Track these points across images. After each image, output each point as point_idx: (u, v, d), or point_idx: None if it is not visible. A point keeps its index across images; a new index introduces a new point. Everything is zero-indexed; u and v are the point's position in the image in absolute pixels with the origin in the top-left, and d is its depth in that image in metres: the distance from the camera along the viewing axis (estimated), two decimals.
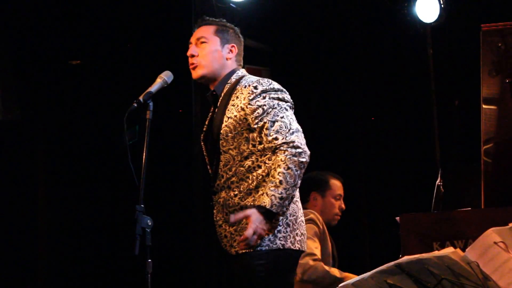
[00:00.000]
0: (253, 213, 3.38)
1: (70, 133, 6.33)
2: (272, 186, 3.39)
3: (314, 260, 4.84)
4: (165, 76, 3.62)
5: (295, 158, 3.43)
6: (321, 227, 5.04)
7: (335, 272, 4.85)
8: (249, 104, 3.56)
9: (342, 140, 7.24)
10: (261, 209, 3.38)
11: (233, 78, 3.74)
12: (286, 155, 3.43)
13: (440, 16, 6.65)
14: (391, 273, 2.70)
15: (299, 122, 3.60)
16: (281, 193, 3.38)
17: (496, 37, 3.92)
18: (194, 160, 6.00)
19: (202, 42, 3.78)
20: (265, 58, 6.95)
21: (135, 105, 3.46)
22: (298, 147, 3.45)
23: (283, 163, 3.42)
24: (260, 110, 3.54)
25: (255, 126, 3.55)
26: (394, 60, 7.09)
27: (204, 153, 3.81)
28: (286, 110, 3.57)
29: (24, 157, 6.22)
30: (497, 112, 4.05)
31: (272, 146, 3.49)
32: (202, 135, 3.84)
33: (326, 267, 4.86)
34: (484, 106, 4.04)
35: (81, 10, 6.18)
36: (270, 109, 3.54)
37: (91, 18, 6.21)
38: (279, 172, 3.40)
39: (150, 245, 3.25)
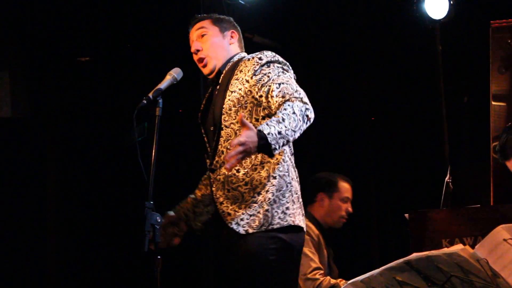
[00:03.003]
0: (250, 131, 3.23)
1: (79, 130, 6.35)
2: (274, 121, 3.28)
3: (321, 274, 4.91)
4: (175, 73, 3.62)
5: (303, 108, 3.35)
6: (316, 239, 5.03)
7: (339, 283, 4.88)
8: (254, 75, 3.53)
9: (351, 138, 7.23)
10: (260, 133, 3.23)
11: (236, 57, 3.73)
12: (294, 103, 3.35)
13: (449, 12, 6.63)
14: (400, 270, 2.70)
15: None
16: (281, 128, 3.25)
17: (505, 34, 3.93)
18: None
19: (203, 35, 3.77)
20: None
21: (145, 102, 3.45)
22: (306, 103, 3.38)
23: (290, 107, 3.33)
24: (265, 78, 3.50)
25: (261, 93, 3.49)
26: (403, 57, 7.08)
27: (202, 132, 3.76)
28: (291, 78, 3.53)
29: (33, 154, 6.25)
30: (507, 108, 4.06)
31: (279, 105, 3.40)
32: (199, 114, 3.81)
33: (333, 281, 4.88)
34: (493, 103, 4.04)
35: (90, 8, 6.19)
36: (275, 76, 3.49)
37: (100, 15, 6.22)
38: (284, 113, 3.30)
39: (159, 241, 3.26)
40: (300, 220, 3.56)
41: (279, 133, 3.25)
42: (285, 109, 3.31)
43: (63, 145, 6.35)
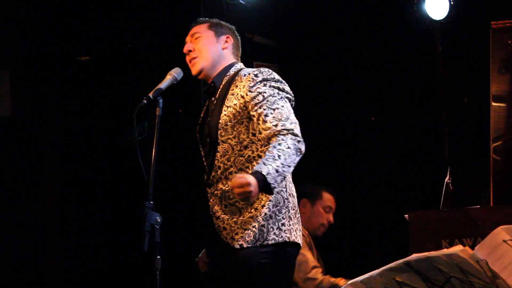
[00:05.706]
0: (251, 177, 3.26)
1: (79, 129, 6.35)
2: (270, 158, 3.31)
3: (321, 273, 5.00)
4: (175, 73, 3.62)
5: (295, 142, 3.39)
6: (307, 238, 5.14)
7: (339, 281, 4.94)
8: (249, 91, 3.53)
9: (350, 137, 7.23)
10: (258, 175, 3.27)
11: (232, 71, 3.72)
12: (287, 137, 3.39)
13: (449, 13, 6.62)
14: (399, 271, 2.70)
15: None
16: (278, 166, 3.30)
17: (505, 35, 3.93)
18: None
19: (197, 38, 3.77)
20: (273, 54, 6.94)
21: (145, 101, 3.46)
22: (297, 136, 3.42)
23: (284, 142, 3.37)
24: (260, 97, 3.50)
25: (253, 112, 3.50)
26: (403, 57, 7.07)
27: (200, 145, 3.77)
28: (285, 101, 3.54)
29: (33, 153, 6.25)
30: (507, 109, 4.06)
31: (270, 133, 3.43)
32: (197, 127, 3.80)
33: (332, 279, 4.98)
34: (493, 104, 4.04)
35: (91, 7, 6.19)
36: (270, 97, 3.50)
37: (100, 14, 6.22)
38: (278, 149, 3.34)
39: (159, 241, 3.26)
40: (296, 236, 3.56)
41: (277, 171, 3.31)
42: (279, 144, 3.36)
43: (63, 144, 6.35)
